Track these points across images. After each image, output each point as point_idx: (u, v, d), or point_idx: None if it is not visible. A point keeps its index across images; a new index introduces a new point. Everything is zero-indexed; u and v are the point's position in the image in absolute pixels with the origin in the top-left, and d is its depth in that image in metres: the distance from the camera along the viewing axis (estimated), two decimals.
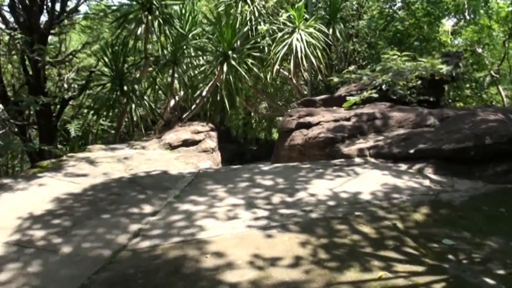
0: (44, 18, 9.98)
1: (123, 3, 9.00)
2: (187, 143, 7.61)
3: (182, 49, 9.59)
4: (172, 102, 10.52)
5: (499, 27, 17.28)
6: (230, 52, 8.89)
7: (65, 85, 9.21)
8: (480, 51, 16.86)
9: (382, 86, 8.48)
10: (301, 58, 10.79)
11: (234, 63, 8.95)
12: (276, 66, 11.21)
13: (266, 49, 11.31)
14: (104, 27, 10.58)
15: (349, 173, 5.60)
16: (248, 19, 10.95)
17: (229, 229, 4.01)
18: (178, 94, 10.89)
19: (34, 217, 4.47)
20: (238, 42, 10.22)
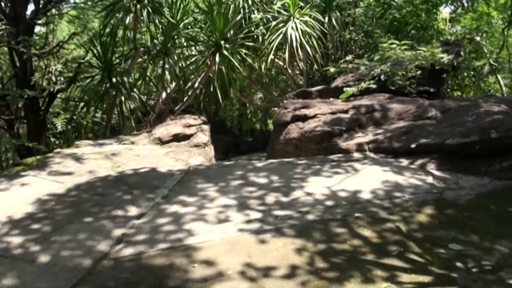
0: (31, 8, 9.60)
1: None
2: (178, 137, 7.30)
3: (173, 39, 9.25)
4: (164, 94, 10.19)
5: (498, 14, 16.94)
6: (223, 42, 8.54)
7: (53, 77, 8.86)
8: (479, 39, 16.56)
9: (380, 76, 8.16)
10: (296, 48, 10.47)
11: (226, 53, 8.61)
12: (271, 56, 10.88)
13: (260, 38, 10.98)
14: (92, 16, 10.21)
15: (347, 169, 5.31)
16: (241, 7, 10.59)
17: (219, 233, 3.73)
18: (170, 86, 10.56)
19: (13, 221, 4.18)
20: (231, 32, 9.89)
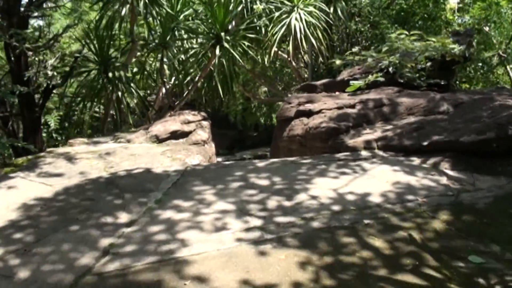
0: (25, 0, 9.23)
1: None
2: (176, 135, 6.94)
3: (172, 31, 8.89)
4: (164, 89, 9.84)
5: (508, 3, 16.48)
6: (223, 34, 8.16)
7: (48, 72, 8.52)
8: (487, 29, 16.11)
9: (388, 68, 7.79)
10: (300, 40, 10.07)
11: (227, 45, 8.24)
12: (274, 48, 10.50)
13: (263, 30, 10.59)
14: (87, 9, 9.84)
15: (355, 169, 4.96)
16: None
17: (215, 244, 3.40)
18: (168, 81, 10.21)
19: None
20: (233, 23, 9.51)
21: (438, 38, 8.58)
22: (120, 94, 8.18)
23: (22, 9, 8.51)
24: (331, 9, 11.33)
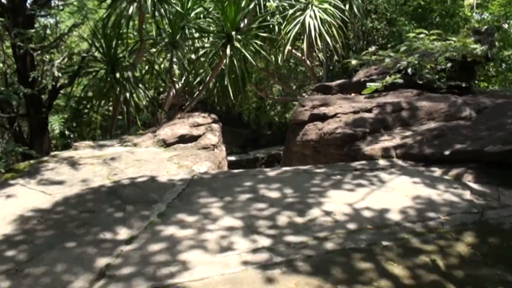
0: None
1: None
2: (184, 139, 6.65)
3: (181, 30, 8.61)
4: (174, 89, 9.57)
5: None
6: (234, 33, 7.85)
7: (55, 72, 8.31)
8: (507, 26, 15.63)
9: (407, 69, 7.44)
10: (315, 38, 9.74)
11: (238, 45, 7.93)
12: (288, 47, 10.18)
13: (276, 28, 10.28)
14: (95, 7, 9.60)
15: (372, 180, 4.65)
16: None
17: (219, 267, 3.12)
18: (178, 81, 9.93)
19: None
20: (245, 21, 9.20)
21: (459, 37, 8.21)
22: (128, 95, 7.92)
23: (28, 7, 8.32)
24: (347, 6, 10.96)
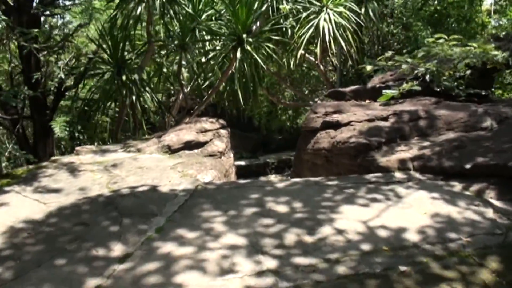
0: None
1: None
2: (190, 145, 6.36)
3: (191, 32, 8.33)
4: (182, 93, 9.29)
5: None
6: (245, 36, 7.55)
7: (61, 73, 8.07)
8: None
9: (425, 76, 7.09)
10: (329, 42, 9.41)
11: (249, 48, 7.62)
12: (301, 51, 9.87)
13: (289, 31, 9.97)
14: (102, 7, 9.35)
15: (388, 195, 4.32)
16: None
17: None
18: (187, 84, 9.66)
19: None
20: (257, 23, 8.91)
21: (478, 43, 7.85)
22: (134, 98, 7.65)
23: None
24: (362, 9, 10.63)
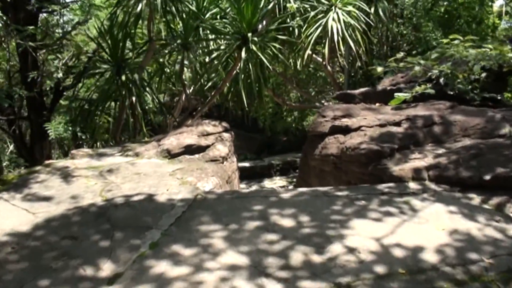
0: None
1: None
2: (190, 149, 6.03)
3: (195, 30, 8.02)
4: (184, 94, 8.97)
5: None
6: (250, 35, 7.22)
7: (59, 73, 7.78)
8: None
9: (439, 79, 6.74)
10: (337, 42, 9.06)
11: (254, 47, 7.29)
12: (308, 51, 9.53)
13: (296, 31, 9.64)
14: (102, 3, 9.04)
15: (403, 209, 3.99)
16: None
17: None
18: (190, 85, 9.34)
19: None
20: (263, 22, 8.58)
21: (494, 45, 7.50)
22: (134, 99, 7.34)
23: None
24: (372, 9, 10.28)
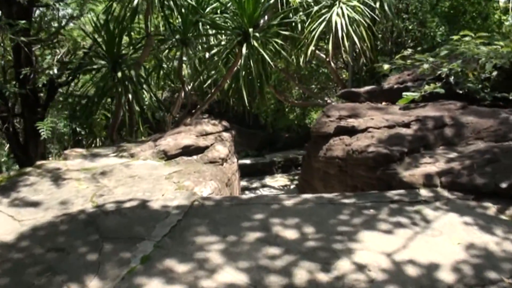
0: None
1: None
2: (188, 150, 5.74)
3: (194, 25, 7.72)
4: (183, 91, 8.68)
5: None
6: (252, 30, 6.92)
7: (54, 69, 7.51)
8: None
9: (449, 77, 6.44)
10: (341, 38, 8.74)
11: (256, 43, 6.99)
12: (311, 47, 9.21)
13: (299, 26, 9.33)
14: None
15: (414, 219, 3.70)
16: None
17: None
18: (189, 81, 9.04)
19: None
20: (265, 17, 8.27)
21: (506, 42, 7.20)
22: (130, 96, 7.06)
23: None
24: (377, 3, 9.94)
